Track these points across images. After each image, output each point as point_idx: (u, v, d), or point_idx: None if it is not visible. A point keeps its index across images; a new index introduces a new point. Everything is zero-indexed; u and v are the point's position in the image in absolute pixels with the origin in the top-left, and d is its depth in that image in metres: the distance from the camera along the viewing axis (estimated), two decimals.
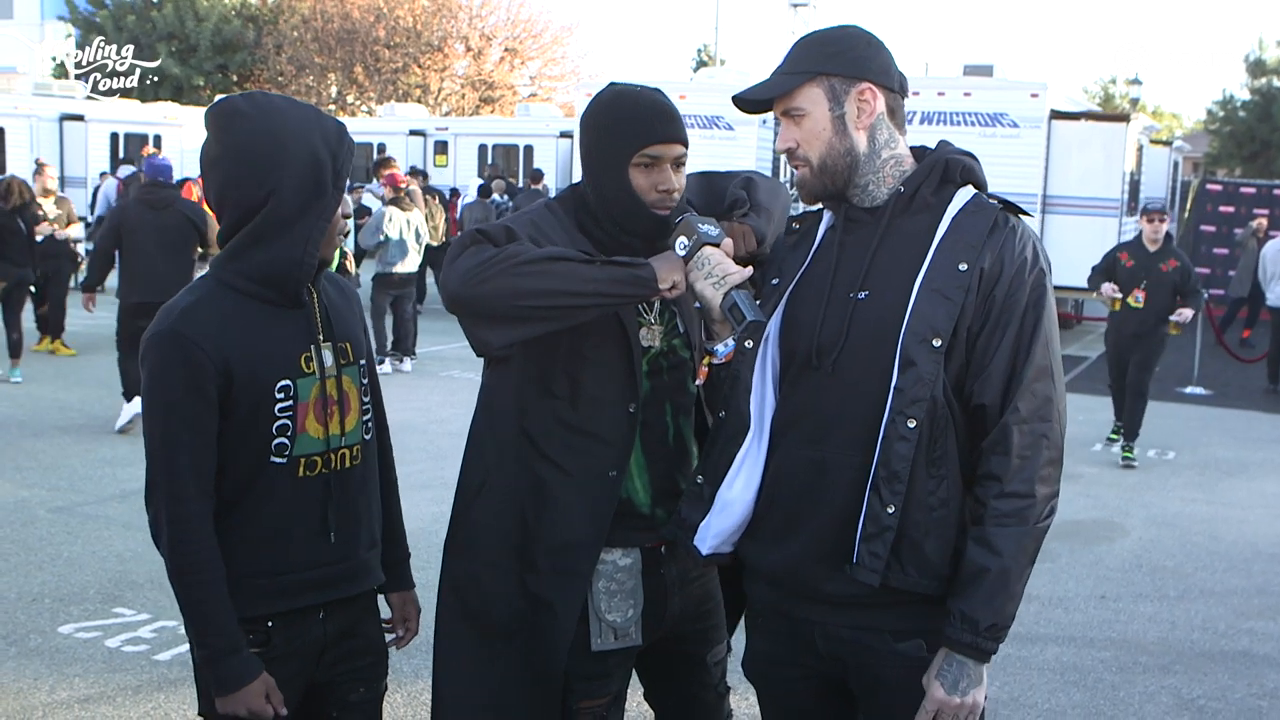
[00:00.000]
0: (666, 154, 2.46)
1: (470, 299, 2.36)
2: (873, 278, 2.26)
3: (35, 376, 10.84)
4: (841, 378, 2.25)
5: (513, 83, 37.51)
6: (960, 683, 2.19)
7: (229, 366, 2.31)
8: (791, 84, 2.30)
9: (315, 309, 2.47)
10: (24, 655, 4.79)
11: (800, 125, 2.31)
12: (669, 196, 2.47)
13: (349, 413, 2.49)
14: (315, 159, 2.34)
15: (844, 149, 2.29)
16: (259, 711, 2.34)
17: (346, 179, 2.42)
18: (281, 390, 2.37)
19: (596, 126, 2.49)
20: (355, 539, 2.51)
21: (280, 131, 2.32)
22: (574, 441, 2.50)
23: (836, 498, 2.24)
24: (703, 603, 2.69)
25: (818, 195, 2.35)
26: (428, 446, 8.33)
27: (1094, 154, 15.41)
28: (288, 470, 2.39)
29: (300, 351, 2.41)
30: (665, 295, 2.38)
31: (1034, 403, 2.19)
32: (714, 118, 16.65)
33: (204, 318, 2.33)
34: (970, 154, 2.36)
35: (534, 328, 2.38)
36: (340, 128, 2.42)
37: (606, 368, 2.50)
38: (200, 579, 2.32)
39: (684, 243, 2.36)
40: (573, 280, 2.32)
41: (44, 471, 7.64)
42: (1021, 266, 2.22)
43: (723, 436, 2.38)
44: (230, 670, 2.32)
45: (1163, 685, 4.96)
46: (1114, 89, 45.87)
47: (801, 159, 2.32)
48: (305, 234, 2.35)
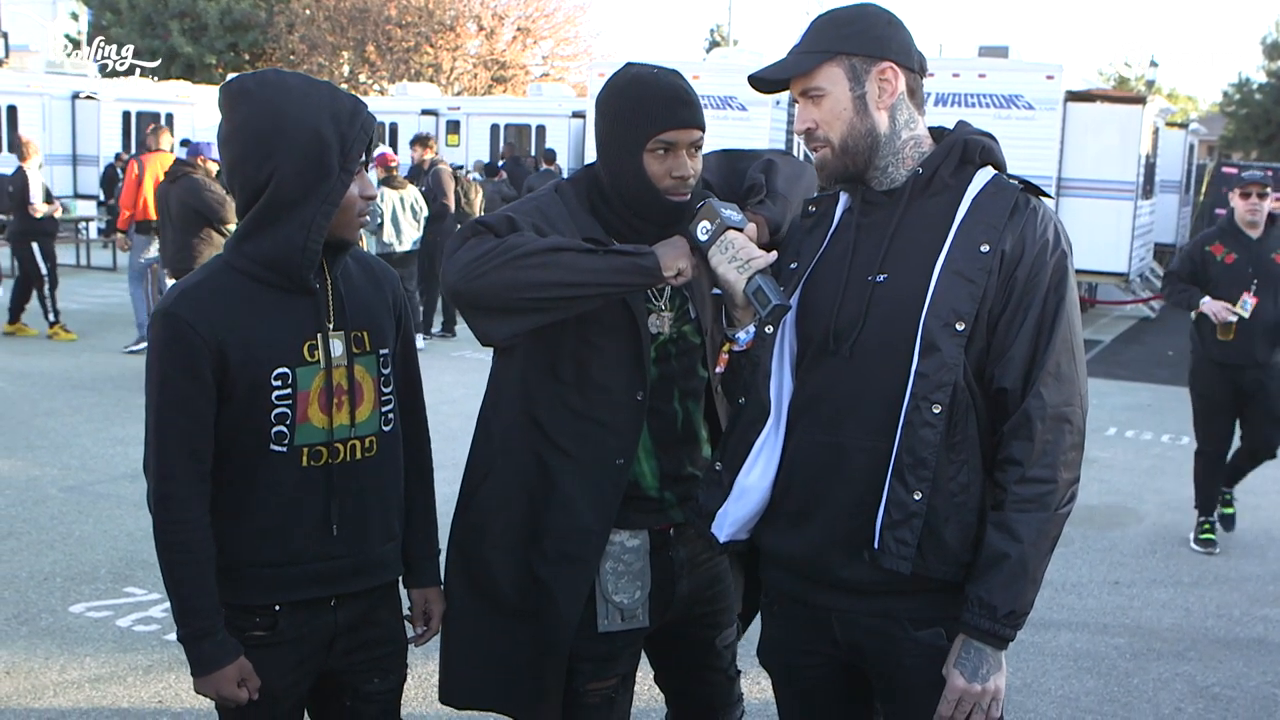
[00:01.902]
0: (682, 140, 2.41)
1: (470, 293, 2.34)
2: (891, 260, 2.23)
3: (46, 355, 10.85)
4: (859, 362, 2.22)
5: (525, 62, 37.41)
6: (980, 669, 2.17)
7: (224, 350, 2.28)
8: (811, 63, 2.26)
9: (328, 295, 2.40)
10: (35, 634, 4.80)
11: (820, 105, 2.26)
12: (683, 183, 2.43)
13: (361, 403, 2.43)
14: (318, 139, 2.26)
15: (865, 129, 2.25)
16: (230, 696, 2.33)
17: (359, 159, 2.32)
18: (279, 378, 2.32)
19: (611, 110, 2.44)
20: (365, 532, 2.46)
21: (281, 112, 2.26)
22: (581, 428, 2.48)
23: (854, 484, 2.21)
24: (711, 585, 2.67)
25: (838, 177, 2.31)
26: (440, 427, 8.20)
27: (1109, 136, 15.29)
28: (290, 459, 2.35)
29: (305, 339, 2.36)
30: (672, 283, 2.35)
31: (1056, 387, 2.16)
32: (727, 98, 16.57)
33: (203, 299, 2.30)
34: (989, 134, 2.32)
35: (536, 319, 2.36)
36: (355, 106, 2.32)
37: (614, 356, 2.47)
38: (181, 559, 2.31)
39: (706, 227, 2.33)
40: (574, 272, 2.30)
41: (55, 450, 7.64)
42: (1043, 248, 2.19)
43: (741, 422, 2.35)
44: (203, 653, 2.32)
45: (1177, 672, 4.93)
46: (1130, 71, 45.61)
47: (821, 140, 2.28)
48: (309, 218, 2.28)
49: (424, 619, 2.66)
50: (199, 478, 2.31)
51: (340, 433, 2.40)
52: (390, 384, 2.51)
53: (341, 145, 2.28)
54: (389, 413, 2.50)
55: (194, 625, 2.32)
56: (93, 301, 14.42)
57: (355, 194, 2.36)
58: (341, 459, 2.40)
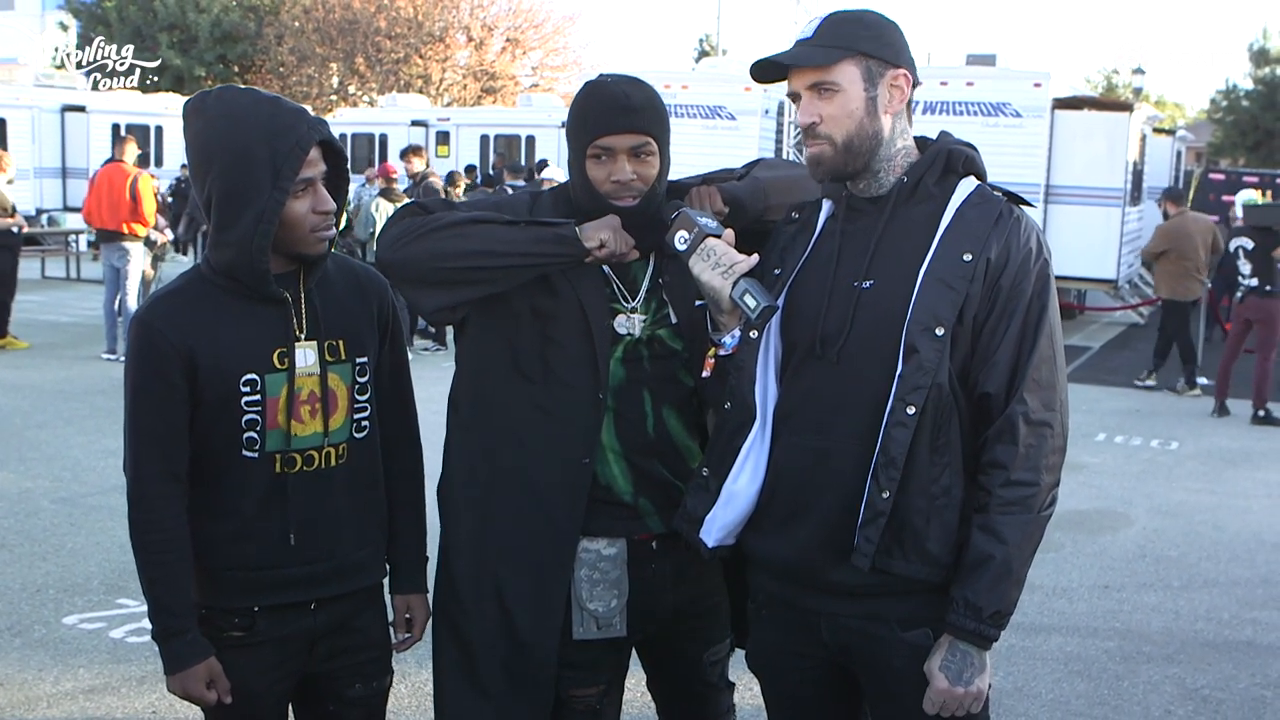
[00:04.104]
0: (618, 145, 2.43)
1: (394, 263, 2.42)
2: (877, 267, 2.26)
3: (37, 368, 10.84)
4: (846, 367, 2.24)
5: (514, 73, 37.46)
6: (964, 673, 2.19)
7: (193, 356, 2.33)
8: (830, 58, 2.25)
9: (301, 304, 2.42)
10: (28, 646, 4.80)
11: (831, 101, 2.26)
12: (623, 188, 2.45)
13: (335, 411, 2.45)
14: (245, 158, 2.26)
15: (872, 131, 2.27)
16: (197, 695, 2.37)
17: (295, 175, 2.29)
18: (247, 384, 2.36)
19: (568, 120, 2.54)
20: (340, 537, 2.47)
21: (216, 129, 2.30)
22: (547, 427, 2.49)
23: (840, 487, 2.24)
24: (701, 600, 2.64)
25: (835, 174, 2.31)
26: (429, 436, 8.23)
27: (1097, 144, 15.34)
28: (262, 465, 2.38)
29: (274, 347, 2.38)
30: (597, 256, 2.37)
31: (1039, 392, 2.19)
32: (716, 108, 16.57)
33: (176, 306, 2.37)
34: (971, 145, 2.36)
35: (465, 291, 2.42)
36: (294, 122, 2.30)
37: (572, 353, 2.48)
38: (154, 558, 2.36)
39: (684, 236, 2.34)
40: (492, 241, 2.36)
41: (47, 462, 7.64)
42: (1027, 256, 2.23)
43: (728, 428, 2.37)
44: (173, 651, 2.36)
45: (1167, 675, 4.95)
46: (1117, 78, 45.80)
47: (824, 136, 2.27)
48: (247, 235, 2.29)
49: (406, 626, 2.67)
50: (172, 479, 2.36)
51: (313, 440, 2.42)
52: (367, 392, 2.52)
53: (273, 162, 2.27)
54: (364, 420, 2.51)
55: (165, 623, 2.36)
56: (83, 314, 14.39)
57: (304, 210, 2.35)
58: (316, 466, 2.43)
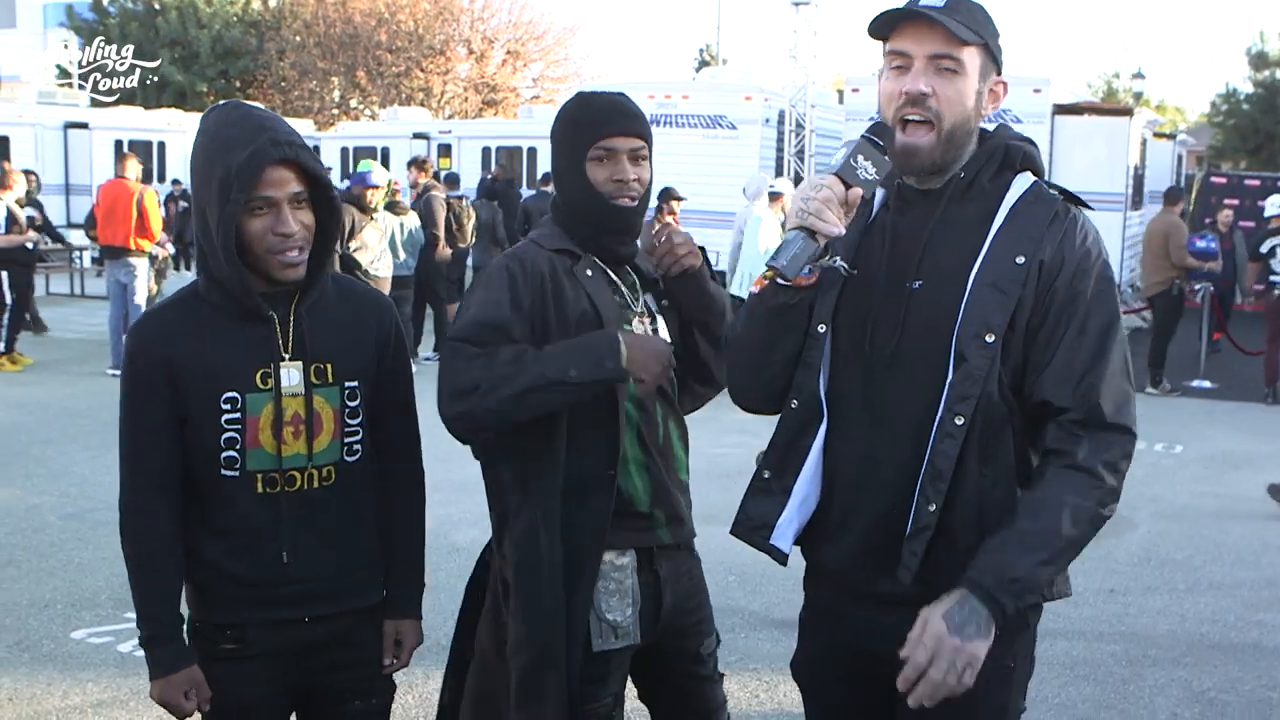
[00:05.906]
0: (621, 146, 2.53)
1: (456, 418, 2.48)
2: (927, 267, 2.16)
3: (42, 384, 10.87)
4: (897, 370, 2.16)
5: (515, 85, 37.48)
6: (966, 627, 1.99)
7: (175, 372, 2.35)
8: (968, 37, 2.11)
9: (289, 325, 2.39)
10: (36, 661, 4.81)
11: (951, 81, 2.13)
12: (624, 187, 2.53)
13: (320, 433, 2.42)
14: (209, 173, 2.28)
15: (971, 127, 2.18)
16: (174, 704, 2.39)
17: (248, 192, 2.24)
18: (228, 402, 2.35)
19: (559, 132, 2.61)
20: (326, 560, 2.45)
21: (196, 146, 2.35)
22: (572, 441, 2.53)
23: (887, 494, 2.15)
24: (692, 596, 2.72)
25: (929, 168, 2.17)
26: (433, 449, 8.21)
27: (1098, 148, 15.39)
28: (243, 484, 2.38)
29: (258, 367, 2.37)
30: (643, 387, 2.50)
31: (1111, 398, 2.08)
32: (717, 117, 16.58)
33: (165, 321, 2.41)
34: (1030, 140, 2.26)
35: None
36: (251, 139, 2.25)
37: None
38: (142, 565, 2.41)
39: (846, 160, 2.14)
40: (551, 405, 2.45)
41: (53, 478, 7.66)
42: (1084, 258, 2.12)
43: (793, 426, 2.27)
44: (156, 657, 2.40)
45: (1173, 678, 4.95)
46: (1117, 83, 45.79)
47: (932, 114, 2.13)
48: (221, 250, 2.28)
49: (395, 650, 2.60)
50: (161, 489, 2.38)
51: (295, 461, 2.39)
52: (359, 415, 2.48)
53: (225, 179, 2.24)
54: (355, 443, 2.48)
55: (150, 630, 2.40)
56: (88, 330, 14.43)
57: (260, 230, 2.29)
58: (298, 487, 2.40)
